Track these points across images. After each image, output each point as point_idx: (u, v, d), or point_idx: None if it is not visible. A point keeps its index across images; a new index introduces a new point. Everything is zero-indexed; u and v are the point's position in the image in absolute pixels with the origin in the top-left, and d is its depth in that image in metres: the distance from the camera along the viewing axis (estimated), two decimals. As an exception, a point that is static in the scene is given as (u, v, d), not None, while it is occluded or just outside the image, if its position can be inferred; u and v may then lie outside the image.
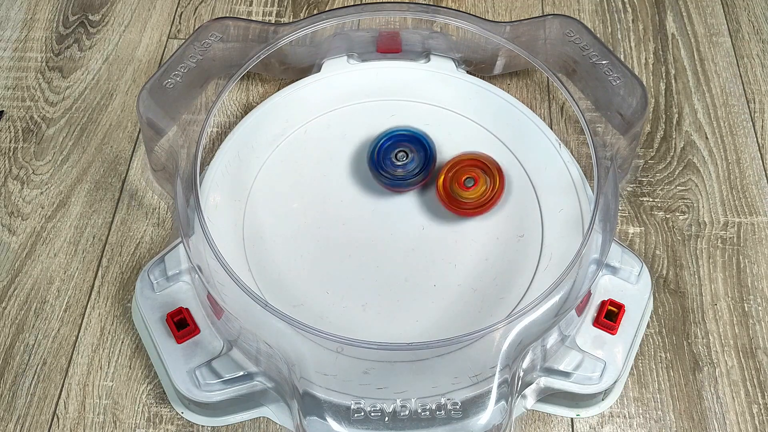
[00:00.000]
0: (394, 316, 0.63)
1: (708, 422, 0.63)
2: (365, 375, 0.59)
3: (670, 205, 0.74)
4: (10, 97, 0.81)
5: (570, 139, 0.78)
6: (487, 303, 0.64)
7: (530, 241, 0.67)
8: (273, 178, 0.71)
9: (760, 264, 0.70)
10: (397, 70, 0.78)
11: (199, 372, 0.60)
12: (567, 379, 0.61)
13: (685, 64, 0.84)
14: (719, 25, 0.87)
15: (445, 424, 0.56)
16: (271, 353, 0.58)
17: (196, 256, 0.62)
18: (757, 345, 0.66)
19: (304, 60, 0.78)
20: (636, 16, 0.88)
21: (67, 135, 0.79)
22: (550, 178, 0.70)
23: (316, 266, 0.66)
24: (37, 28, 0.87)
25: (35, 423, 0.63)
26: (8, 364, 0.65)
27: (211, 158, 0.72)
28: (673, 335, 0.67)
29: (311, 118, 0.74)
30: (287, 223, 0.68)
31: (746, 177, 0.76)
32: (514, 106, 0.75)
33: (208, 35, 0.74)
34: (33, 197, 0.74)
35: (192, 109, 0.75)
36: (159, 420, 0.63)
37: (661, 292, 0.69)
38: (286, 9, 0.89)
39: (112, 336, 0.67)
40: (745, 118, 0.80)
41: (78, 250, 0.71)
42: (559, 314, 0.59)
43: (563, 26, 0.76)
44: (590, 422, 0.63)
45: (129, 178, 0.76)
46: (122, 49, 0.85)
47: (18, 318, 0.68)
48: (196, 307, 0.64)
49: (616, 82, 0.72)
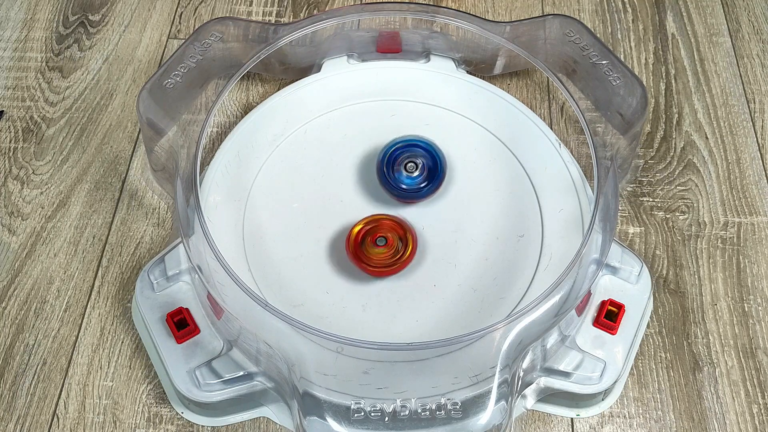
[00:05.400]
0: (394, 316, 0.63)
1: (708, 422, 0.63)
2: (365, 375, 0.59)
3: (670, 205, 0.74)
4: (10, 97, 0.81)
5: (570, 139, 0.78)
6: (487, 303, 0.64)
7: (530, 241, 0.67)
8: (273, 178, 0.71)
9: (760, 264, 0.70)
10: (397, 70, 0.78)
11: (199, 372, 0.60)
12: (567, 379, 0.61)
13: (685, 64, 0.84)
14: (719, 25, 0.87)
15: (445, 424, 0.56)
16: (271, 353, 0.58)
17: (196, 256, 0.62)
18: (757, 345, 0.66)
19: (304, 60, 0.78)
20: (636, 16, 0.88)
21: (67, 135, 0.79)
22: (550, 178, 0.70)
23: (316, 266, 0.66)
24: (37, 28, 0.87)
25: (35, 423, 0.63)
26: (8, 364, 0.65)
27: (211, 158, 0.72)
28: (673, 335, 0.67)
29: (311, 118, 0.74)
30: (287, 223, 0.68)
31: (746, 177, 0.76)
32: (514, 106, 0.75)
33: (208, 35, 0.74)
34: (33, 197, 0.74)
35: (192, 109, 0.75)
36: (159, 420, 0.63)
37: (661, 292, 0.69)
38: (286, 9, 0.89)
39: (112, 336, 0.67)
40: (745, 118, 0.80)
41: (78, 250, 0.71)
42: (559, 314, 0.59)
43: (563, 26, 0.76)
44: (590, 422, 0.63)
45: (129, 178, 0.76)
46: (122, 49, 0.85)
47: (18, 318, 0.68)
48: (196, 307, 0.64)
49: (616, 82, 0.72)
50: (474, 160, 0.72)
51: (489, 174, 0.71)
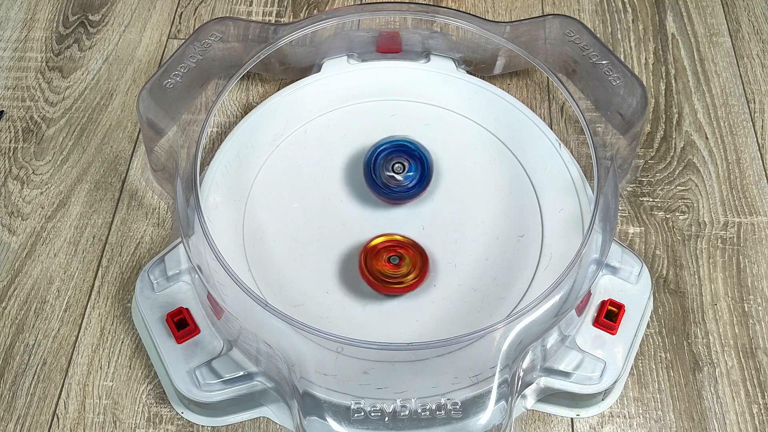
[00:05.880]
0: (394, 316, 0.63)
1: (708, 422, 0.63)
2: (365, 375, 0.59)
3: (670, 205, 0.74)
4: (10, 97, 0.81)
5: (570, 139, 0.78)
6: (487, 303, 0.64)
7: (530, 241, 0.67)
8: (273, 178, 0.71)
9: (760, 264, 0.70)
10: (397, 70, 0.78)
11: (199, 372, 0.60)
12: (567, 379, 0.61)
13: (685, 64, 0.84)
14: (719, 25, 0.87)
15: (445, 424, 0.56)
16: (271, 353, 0.58)
17: (196, 256, 0.62)
18: (757, 345, 0.66)
19: (304, 60, 0.78)
20: (636, 16, 0.88)
21: (67, 135, 0.79)
22: (550, 178, 0.70)
23: (316, 266, 0.66)
24: (37, 28, 0.87)
25: (35, 423, 0.63)
26: (8, 364, 0.65)
27: (211, 158, 0.72)
28: (673, 335, 0.67)
29: (311, 118, 0.74)
30: (287, 223, 0.68)
31: (746, 177, 0.76)
32: (514, 106, 0.75)
33: (208, 35, 0.74)
34: (33, 197, 0.74)
35: (192, 109, 0.75)
36: (159, 420, 0.63)
37: (661, 292, 0.69)
38: (286, 9, 0.89)
39: (112, 336, 0.67)
40: (745, 118, 0.80)
41: (78, 250, 0.71)
42: (559, 314, 0.59)
43: (563, 26, 0.76)
44: (590, 422, 0.63)
45: (129, 178, 0.76)
46: (122, 49, 0.85)
47: (18, 318, 0.68)
48: (196, 307, 0.64)
49: (616, 82, 0.72)
50: (474, 160, 0.72)
51: (489, 174, 0.71)
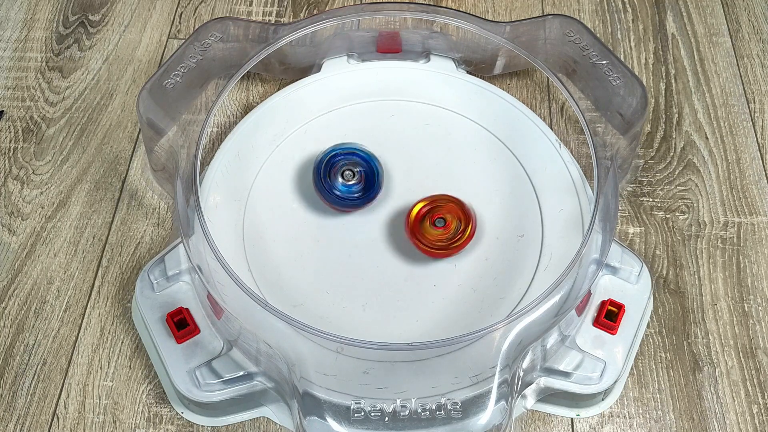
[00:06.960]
0: (394, 316, 0.63)
1: (708, 422, 0.63)
2: (365, 375, 0.59)
3: (670, 205, 0.74)
4: (10, 97, 0.81)
5: (570, 139, 0.78)
6: (487, 303, 0.64)
7: (530, 241, 0.67)
8: (273, 178, 0.71)
9: (760, 264, 0.70)
10: (397, 70, 0.78)
11: (199, 372, 0.60)
12: (567, 379, 0.61)
13: (685, 64, 0.84)
14: (719, 25, 0.87)
15: (445, 424, 0.56)
16: (271, 353, 0.58)
17: (196, 256, 0.62)
18: (757, 345, 0.66)
19: (304, 60, 0.78)
20: (636, 16, 0.88)
21: (67, 135, 0.79)
22: (550, 178, 0.70)
23: (316, 266, 0.66)
24: (37, 28, 0.87)
25: (35, 423, 0.63)
26: (8, 364, 0.65)
27: (211, 158, 0.72)
28: (673, 335, 0.67)
29: (311, 118, 0.74)
30: (287, 223, 0.68)
31: (746, 177, 0.76)
32: (514, 106, 0.75)
33: (208, 35, 0.74)
34: (33, 197, 0.74)
35: (192, 109, 0.75)
36: (159, 420, 0.63)
37: (661, 292, 0.69)
38: (286, 9, 0.89)
39: (112, 336, 0.67)
40: (745, 118, 0.80)
41: (78, 250, 0.71)
42: (559, 314, 0.59)
43: (563, 26, 0.76)
44: (590, 422, 0.63)
45: (129, 178, 0.76)
46: (122, 49, 0.85)
47: (18, 318, 0.68)
48: (196, 307, 0.64)
49: (616, 82, 0.72)
50: (474, 160, 0.72)
51: (489, 174, 0.71)
